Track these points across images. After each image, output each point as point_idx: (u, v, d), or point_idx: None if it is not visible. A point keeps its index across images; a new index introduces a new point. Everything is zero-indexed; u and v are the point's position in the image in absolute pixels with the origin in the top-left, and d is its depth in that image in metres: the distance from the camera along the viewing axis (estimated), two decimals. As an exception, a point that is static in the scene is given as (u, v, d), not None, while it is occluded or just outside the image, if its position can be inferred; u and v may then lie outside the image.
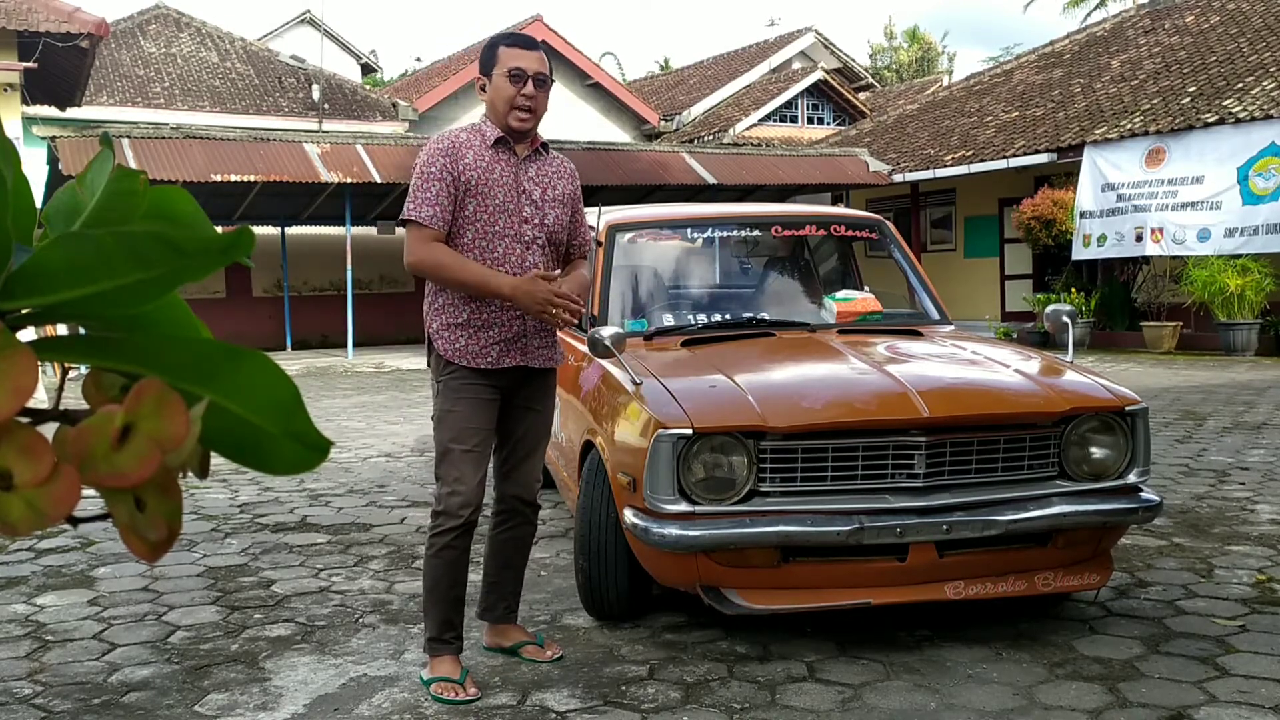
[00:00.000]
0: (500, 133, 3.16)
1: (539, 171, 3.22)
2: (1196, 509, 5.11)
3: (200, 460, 0.62)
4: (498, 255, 3.10)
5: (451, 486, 3.09)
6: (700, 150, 18.80)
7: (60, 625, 3.75)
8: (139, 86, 21.09)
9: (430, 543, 3.14)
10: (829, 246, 5.31)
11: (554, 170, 3.26)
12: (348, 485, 6.25)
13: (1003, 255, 18.54)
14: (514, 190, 3.14)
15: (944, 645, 3.33)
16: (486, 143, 3.15)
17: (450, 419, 3.12)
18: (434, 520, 3.13)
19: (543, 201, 3.17)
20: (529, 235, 3.14)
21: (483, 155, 3.13)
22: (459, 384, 3.11)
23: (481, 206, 3.10)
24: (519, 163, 3.18)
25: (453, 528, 3.09)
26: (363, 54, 29.69)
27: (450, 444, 3.10)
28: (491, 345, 3.12)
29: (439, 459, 3.15)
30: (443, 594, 3.13)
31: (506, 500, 3.30)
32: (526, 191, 3.16)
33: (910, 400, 3.21)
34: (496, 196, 3.11)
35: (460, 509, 3.08)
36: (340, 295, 18.12)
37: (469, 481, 3.09)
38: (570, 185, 3.30)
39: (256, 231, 0.57)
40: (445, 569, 3.11)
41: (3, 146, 0.60)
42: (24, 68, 12.61)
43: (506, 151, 3.17)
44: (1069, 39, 20.77)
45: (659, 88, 30.73)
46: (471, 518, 3.11)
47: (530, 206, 3.15)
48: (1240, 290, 13.13)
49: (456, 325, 3.12)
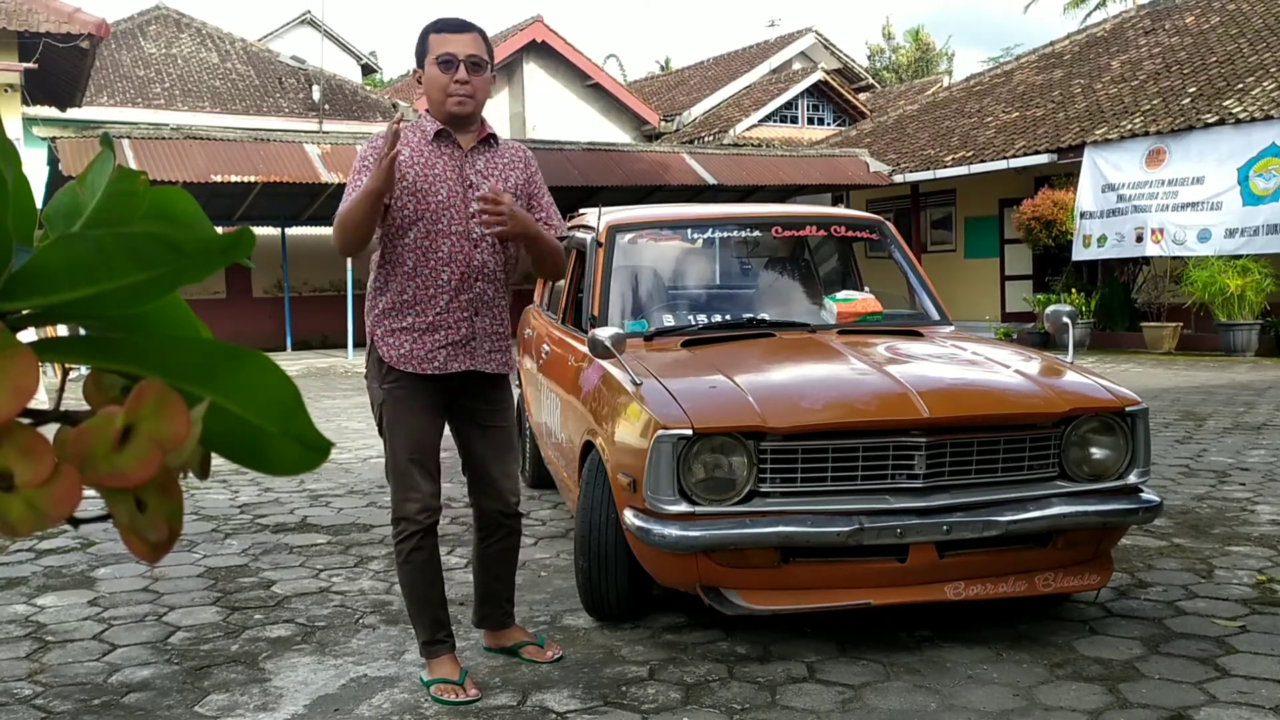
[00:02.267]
0: (440, 125, 3.03)
1: (488, 164, 3.08)
2: (1197, 509, 5.11)
3: (201, 461, 0.62)
4: (443, 254, 2.97)
5: (408, 495, 3.03)
6: (700, 151, 18.80)
7: (60, 626, 3.75)
8: (139, 87, 21.10)
9: (397, 550, 3.08)
10: (829, 247, 5.31)
11: (505, 161, 3.11)
12: (348, 486, 6.25)
13: (1003, 256, 18.54)
14: (459, 185, 3.00)
15: (944, 646, 3.33)
16: (426, 138, 3.02)
17: (399, 431, 3.02)
18: (396, 527, 3.07)
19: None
20: (476, 232, 2.99)
21: (421, 151, 3.00)
22: (404, 393, 3.00)
23: (423, 204, 2.96)
24: (464, 156, 3.04)
25: (414, 532, 3.04)
26: (363, 54, 29.69)
27: (401, 457, 3.02)
28: (438, 349, 3.00)
29: (389, 468, 3.07)
30: (423, 597, 3.10)
31: (487, 515, 3.23)
32: (474, 185, 3.02)
33: (910, 401, 3.21)
34: (439, 193, 2.97)
35: (419, 514, 3.03)
36: (340, 295, 18.12)
37: (423, 488, 3.03)
38: (524, 174, 3.14)
39: (256, 232, 0.57)
40: (419, 572, 3.07)
41: (3, 147, 0.60)
42: (24, 68, 12.62)
43: (449, 145, 3.03)
44: (1069, 39, 20.76)
45: (659, 88, 30.73)
46: (431, 520, 3.05)
47: (478, 202, 2.95)
48: (1240, 291, 13.13)
49: (400, 330, 3.00)
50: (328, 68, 22.94)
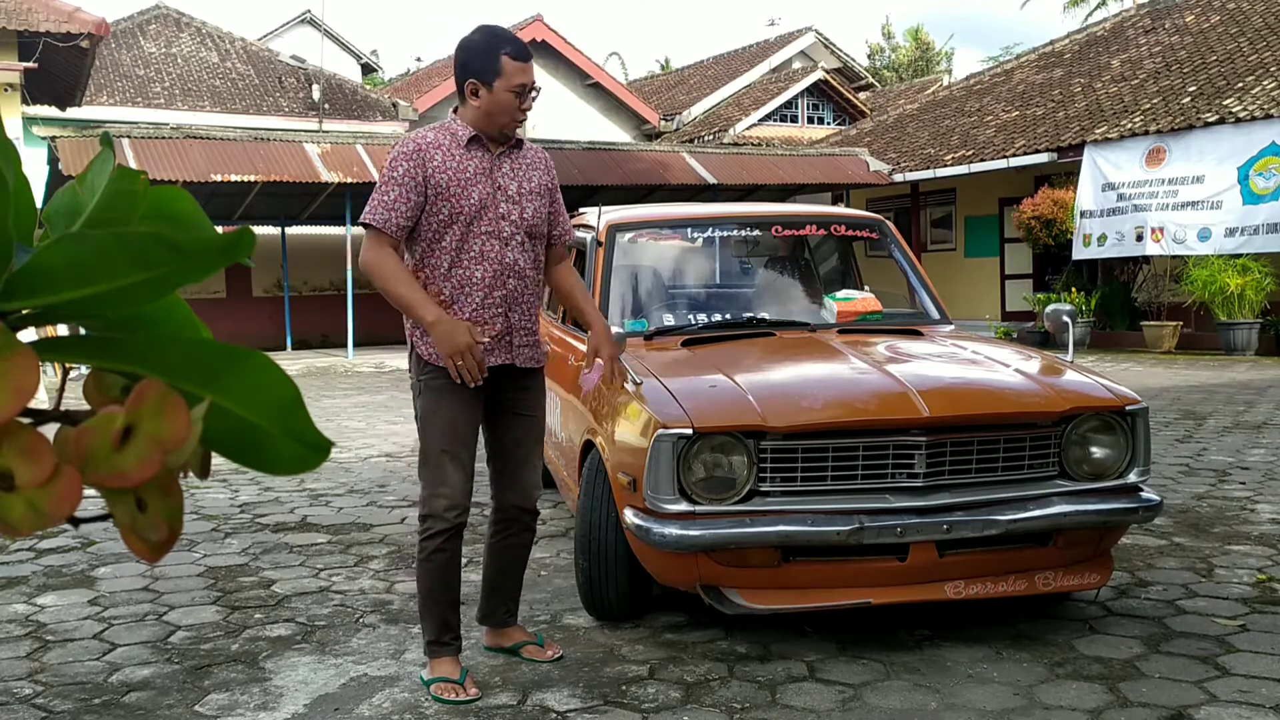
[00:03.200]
0: (474, 132, 3.11)
1: (514, 166, 3.17)
2: (1197, 509, 5.11)
3: (201, 461, 0.62)
4: (476, 253, 3.06)
5: (437, 490, 3.06)
6: (700, 150, 18.80)
7: (61, 625, 3.75)
8: (139, 86, 21.09)
9: (421, 547, 3.11)
10: (829, 246, 5.31)
11: (529, 162, 3.21)
12: (348, 485, 6.26)
13: (1003, 255, 18.55)
14: (490, 187, 3.09)
15: (944, 645, 3.33)
16: (459, 142, 3.10)
17: (434, 422, 3.07)
18: (422, 525, 3.10)
19: (519, 195, 3.13)
20: (508, 231, 3.09)
21: (453, 155, 3.08)
22: (441, 385, 3.06)
23: (457, 208, 3.05)
24: (493, 159, 3.13)
25: (441, 531, 3.06)
26: (363, 54, 29.70)
27: (434, 447, 3.06)
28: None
29: (423, 463, 3.11)
30: (437, 598, 3.11)
31: (506, 509, 3.26)
32: (502, 187, 3.11)
33: (910, 400, 3.21)
34: (472, 196, 3.06)
35: (447, 512, 3.05)
36: (340, 295, 18.12)
37: (454, 484, 3.06)
38: (546, 175, 3.25)
39: (256, 231, 0.57)
40: (438, 573, 3.09)
41: (3, 147, 0.60)
42: (24, 68, 12.62)
43: (479, 149, 3.12)
44: (1069, 39, 20.77)
45: (659, 88, 30.73)
46: (459, 520, 3.08)
47: (507, 203, 3.09)
48: (1240, 290, 13.13)
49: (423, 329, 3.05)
50: (328, 67, 22.94)
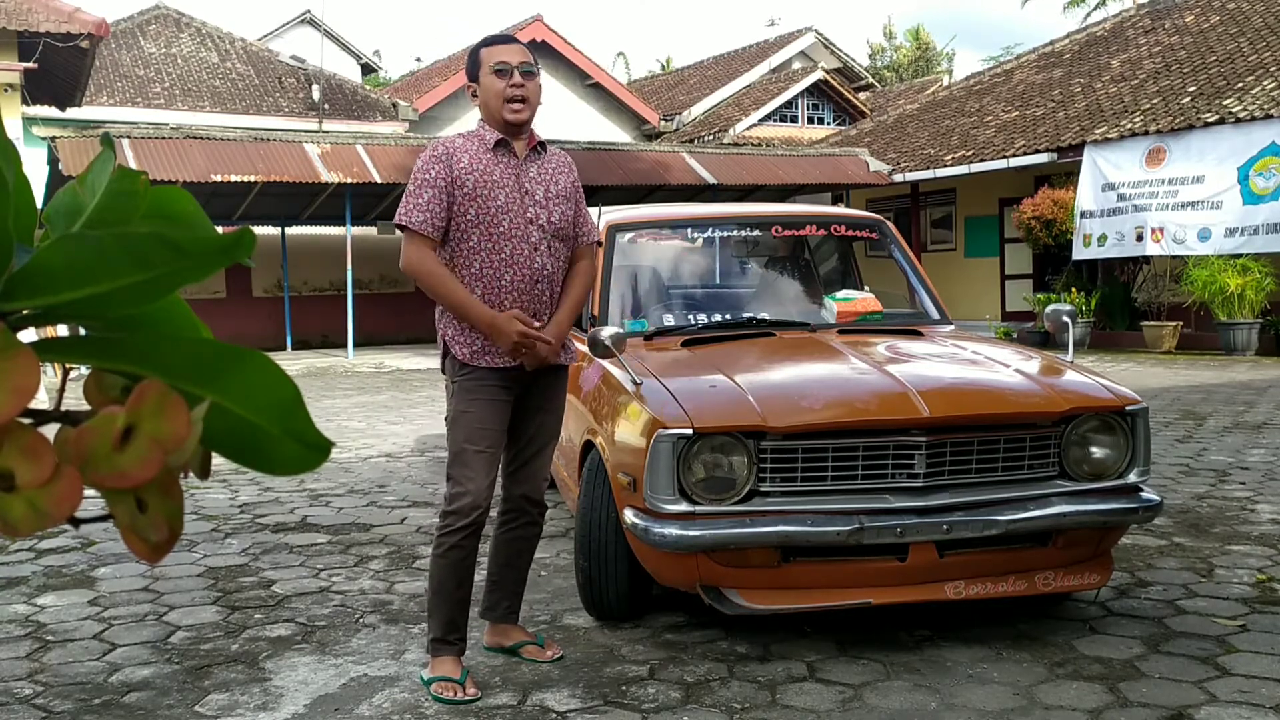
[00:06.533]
0: (500, 135, 3.17)
1: (540, 170, 3.22)
2: (1197, 509, 5.11)
3: (201, 461, 0.62)
4: (505, 257, 3.11)
5: (462, 486, 3.09)
6: (700, 150, 18.80)
7: (61, 625, 3.75)
8: (139, 86, 21.09)
9: (438, 542, 3.13)
10: (829, 246, 5.31)
11: (554, 166, 3.27)
12: (348, 485, 6.26)
13: (1003, 255, 18.54)
14: (516, 191, 3.15)
15: (944, 645, 3.33)
16: (486, 146, 3.16)
17: (464, 419, 3.12)
18: (443, 520, 3.13)
19: (546, 200, 3.18)
20: (535, 236, 3.14)
21: (480, 159, 3.14)
22: (474, 384, 3.12)
23: (484, 210, 3.10)
24: (520, 164, 3.19)
25: (461, 527, 3.08)
26: (363, 54, 29.69)
27: (464, 444, 3.11)
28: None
29: (452, 459, 3.15)
30: (448, 595, 3.12)
31: (513, 499, 3.30)
32: (529, 192, 3.17)
33: (910, 400, 3.21)
34: (498, 199, 3.11)
35: (470, 509, 3.08)
36: (340, 295, 18.12)
37: (480, 482, 3.09)
38: (570, 178, 3.31)
39: (256, 231, 0.57)
40: (452, 569, 3.11)
41: (3, 147, 0.60)
42: (24, 68, 12.61)
43: (506, 154, 3.18)
44: (1069, 39, 20.77)
45: (659, 88, 30.73)
46: (480, 519, 3.11)
47: (534, 207, 3.15)
48: (1240, 290, 13.13)
49: (472, 327, 3.13)
50: (328, 67, 22.94)
